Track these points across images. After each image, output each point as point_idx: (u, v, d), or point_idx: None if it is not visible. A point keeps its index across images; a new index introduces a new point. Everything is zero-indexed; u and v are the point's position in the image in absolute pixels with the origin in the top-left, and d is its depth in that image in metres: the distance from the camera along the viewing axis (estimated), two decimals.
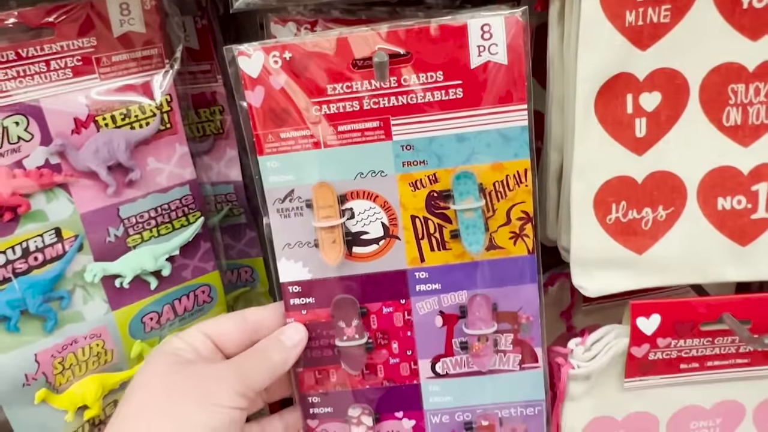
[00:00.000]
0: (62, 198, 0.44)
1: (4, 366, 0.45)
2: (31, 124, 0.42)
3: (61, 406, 0.47)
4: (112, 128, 0.45)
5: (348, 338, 0.44)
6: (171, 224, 0.49)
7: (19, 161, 0.42)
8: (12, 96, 0.42)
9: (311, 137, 0.40)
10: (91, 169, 0.44)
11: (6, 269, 0.43)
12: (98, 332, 0.48)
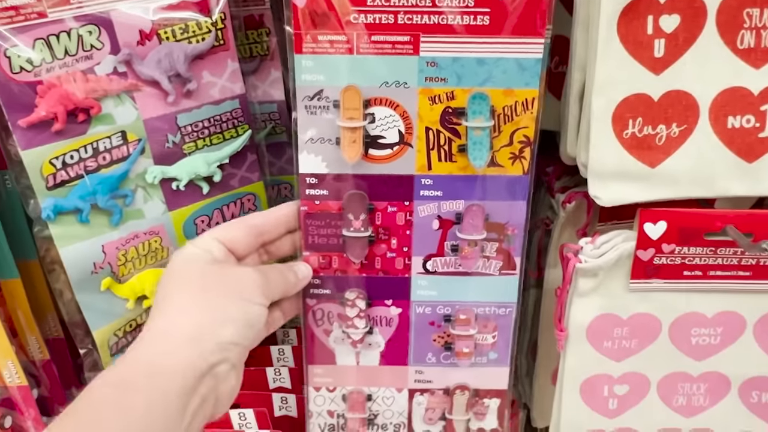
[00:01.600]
0: (128, 104, 0.49)
1: (76, 254, 0.50)
2: (102, 33, 0.47)
3: (123, 295, 0.53)
4: (172, 41, 0.49)
5: (354, 230, 0.49)
6: (222, 134, 0.53)
7: (91, 68, 0.47)
8: (86, 7, 0.46)
9: (346, 43, 0.44)
10: (154, 78, 0.49)
11: (79, 166, 0.48)
12: (156, 230, 0.53)
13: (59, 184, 0.48)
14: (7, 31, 0.44)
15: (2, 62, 0.44)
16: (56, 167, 0.48)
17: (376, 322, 0.52)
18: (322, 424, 0.56)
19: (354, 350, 0.53)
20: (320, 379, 0.54)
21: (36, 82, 0.45)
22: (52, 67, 0.45)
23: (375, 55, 0.44)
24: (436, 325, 0.52)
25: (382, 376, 0.54)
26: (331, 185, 0.48)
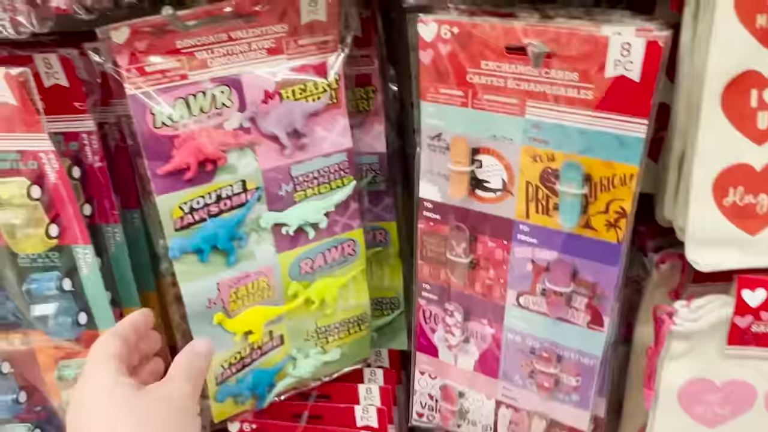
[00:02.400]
0: (249, 156, 0.54)
1: (195, 290, 0.55)
2: (233, 93, 0.52)
3: (232, 329, 0.57)
4: (292, 100, 0.53)
5: (456, 255, 0.54)
6: (329, 184, 0.57)
7: (221, 123, 0.52)
8: (221, 70, 0.51)
9: (461, 97, 0.49)
10: (274, 134, 0.54)
11: (203, 211, 0.53)
12: (265, 271, 0.57)
13: (185, 226, 0.53)
14: (155, 92, 0.49)
15: (148, 118, 0.49)
16: (184, 211, 0.53)
17: (472, 335, 0.57)
18: (423, 402, 0.63)
19: (453, 352, 0.59)
20: (424, 366, 0.62)
21: (174, 136, 0.51)
22: (188, 123, 0.51)
23: (485, 110, 0.48)
24: (524, 353, 0.55)
25: (476, 380, 0.59)
26: (443, 212, 0.54)
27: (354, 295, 0.63)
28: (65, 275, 0.55)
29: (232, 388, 0.60)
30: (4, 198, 0.51)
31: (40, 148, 0.50)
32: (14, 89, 0.47)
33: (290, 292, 0.59)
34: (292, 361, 0.63)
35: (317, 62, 0.54)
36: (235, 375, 0.60)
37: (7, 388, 0.60)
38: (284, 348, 0.62)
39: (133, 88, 0.49)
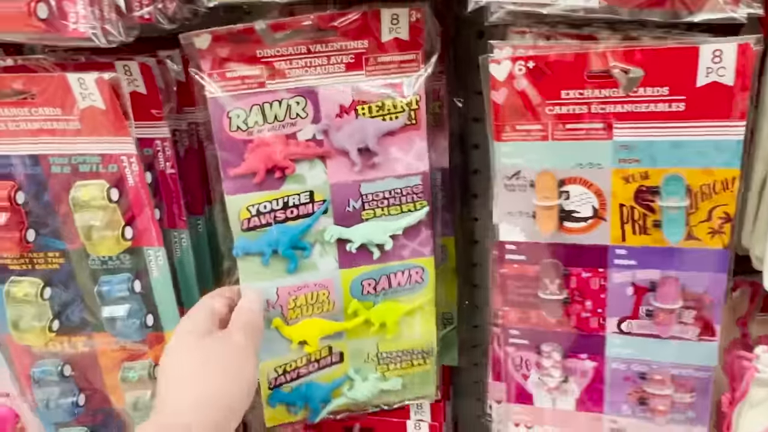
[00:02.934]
0: (319, 168, 0.54)
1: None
2: (308, 104, 0.52)
3: (288, 336, 0.57)
4: (367, 117, 0.53)
5: (550, 293, 0.53)
6: (400, 207, 0.56)
7: (294, 133, 0.52)
8: (298, 81, 0.52)
9: (541, 131, 0.48)
10: (345, 149, 0.53)
11: (269, 216, 0.54)
12: (326, 284, 0.56)
13: (251, 228, 0.53)
14: (233, 97, 0.50)
15: (225, 122, 0.50)
16: (251, 213, 0.53)
17: (571, 372, 0.56)
18: None
19: (550, 395, 0.57)
20: (519, 416, 0.59)
21: (247, 140, 0.51)
22: (262, 129, 0.51)
23: (569, 140, 0.48)
24: (632, 380, 0.54)
25: (578, 420, 0.57)
26: (528, 252, 0.52)
27: (420, 326, 0.60)
28: (135, 277, 0.56)
29: (285, 396, 0.59)
30: (84, 200, 0.52)
31: (123, 152, 0.52)
32: (104, 93, 0.49)
33: (350, 310, 0.58)
34: (350, 381, 0.61)
35: (397, 81, 0.53)
36: (290, 383, 0.59)
37: (67, 391, 0.60)
38: (343, 366, 0.61)
39: (213, 92, 0.50)
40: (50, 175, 0.53)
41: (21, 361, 0.60)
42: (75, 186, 0.52)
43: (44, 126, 0.51)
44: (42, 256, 0.56)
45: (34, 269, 0.56)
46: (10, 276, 0.57)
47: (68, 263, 0.56)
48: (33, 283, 0.56)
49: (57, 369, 0.59)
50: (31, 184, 0.54)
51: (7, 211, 0.53)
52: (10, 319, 0.57)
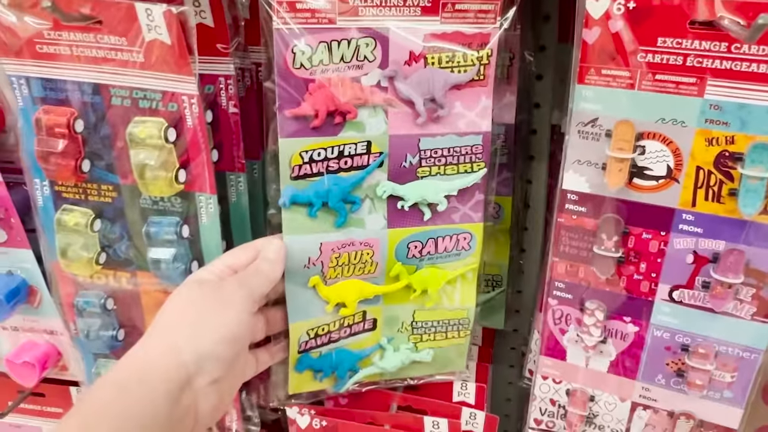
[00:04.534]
0: (380, 117, 0.52)
1: (297, 244, 0.53)
2: (377, 47, 0.50)
3: (325, 297, 0.55)
4: (436, 67, 0.51)
5: (605, 249, 0.52)
6: (457, 166, 0.54)
7: (358, 77, 0.51)
8: (371, 21, 0.49)
9: (628, 78, 0.46)
10: (411, 98, 0.51)
11: (322, 164, 0.52)
12: (372, 243, 0.55)
13: (301, 176, 0.52)
14: (300, 30, 0.48)
15: (288, 57, 0.49)
16: (304, 160, 0.51)
17: (611, 334, 0.55)
18: (542, 408, 0.61)
19: (585, 354, 0.57)
20: (549, 370, 0.59)
21: (309, 80, 0.50)
22: (326, 69, 0.50)
23: (656, 92, 0.46)
24: (672, 351, 0.54)
25: (609, 382, 0.57)
26: (590, 204, 0.51)
27: (461, 296, 0.59)
28: (184, 222, 0.56)
29: (313, 361, 0.58)
30: (140, 137, 0.52)
31: (184, 91, 0.51)
32: (172, 28, 0.48)
33: (393, 273, 0.56)
34: (380, 350, 0.60)
35: (471, 32, 0.51)
36: (319, 348, 0.58)
37: (108, 324, 0.61)
38: (375, 334, 0.59)
39: (280, 23, 0.48)
40: (110, 106, 0.53)
41: (66, 289, 0.61)
42: (133, 121, 0.52)
43: (108, 55, 0.51)
44: (95, 188, 0.56)
45: (86, 200, 0.57)
46: (63, 204, 0.57)
47: (120, 198, 0.56)
48: (84, 213, 0.57)
49: (100, 301, 0.60)
50: (90, 114, 0.54)
51: (66, 138, 0.53)
52: (59, 246, 0.57)
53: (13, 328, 0.69)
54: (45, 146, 0.53)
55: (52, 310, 0.65)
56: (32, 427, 0.78)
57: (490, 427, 0.61)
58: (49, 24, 0.50)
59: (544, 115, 0.61)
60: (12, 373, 0.68)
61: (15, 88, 0.54)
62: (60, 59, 0.52)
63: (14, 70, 0.53)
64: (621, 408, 0.58)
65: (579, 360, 0.57)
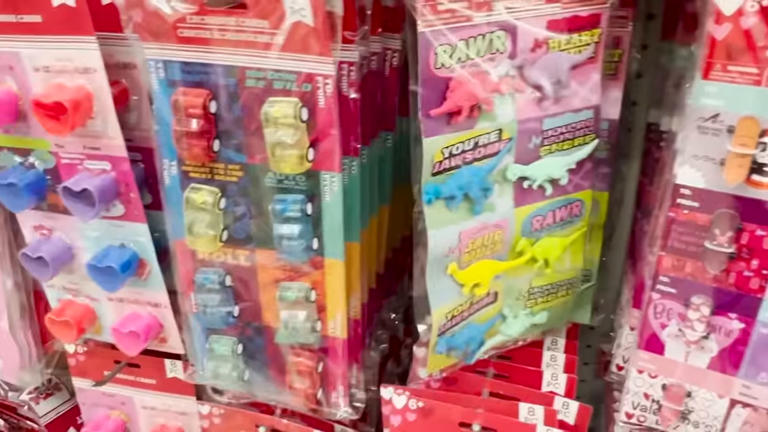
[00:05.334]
0: (508, 105, 0.55)
1: (440, 237, 0.57)
2: (507, 39, 0.53)
3: (461, 281, 0.59)
4: (557, 51, 0.54)
5: (717, 244, 0.53)
6: (572, 141, 0.58)
7: (489, 69, 0.53)
8: (501, 15, 0.52)
9: (756, 75, 0.47)
10: (539, 83, 0.55)
11: (459, 157, 0.55)
12: (501, 224, 0.59)
13: (441, 171, 0.55)
14: (441, 31, 0.51)
15: (431, 58, 0.51)
16: (444, 156, 0.54)
17: (714, 330, 0.56)
18: (635, 402, 0.62)
19: (685, 349, 0.58)
20: (645, 365, 0.60)
21: (449, 78, 0.52)
22: (464, 65, 0.52)
23: None
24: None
25: (707, 379, 0.58)
26: (704, 199, 0.52)
27: (570, 258, 0.64)
28: (308, 200, 0.58)
29: (449, 341, 0.62)
30: (275, 116, 0.53)
31: (320, 72, 0.52)
32: (317, 10, 0.49)
33: (518, 248, 0.60)
34: (502, 319, 0.64)
35: (587, 13, 0.54)
36: (452, 328, 0.62)
37: (225, 300, 0.63)
38: (496, 305, 0.63)
39: (424, 26, 0.50)
40: (244, 88, 0.54)
41: (186, 265, 0.63)
42: (268, 101, 0.54)
43: (248, 38, 0.52)
44: (222, 168, 0.58)
45: (213, 179, 0.59)
46: (189, 183, 0.59)
47: (246, 177, 0.58)
48: (211, 191, 0.59)
49: (219, 278, 0.63)
50: (223, 95, 0.55)
51: (201, 119, 0.55)
52: (186, 224, 0.60)
53: (119, 300, 0.71)
54: (182, 126, 0.55)
55: (158, 283, 0.68)
56: (124, 396, 0.81)
57: (582, 417, 0.64)
58: (195, 8, 0.52)
59: (641, 113, 0.64)
60: (118, 341, 0.71)
61: (152, 72, 0.55)
62: (200, 43, 0.53)
63: (153, 54, 0.55)
64: (718, 405, 0.59)
65: (678, 355, 0.59)
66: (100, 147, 0.61)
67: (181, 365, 0.77)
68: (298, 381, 0.65)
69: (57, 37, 0.56)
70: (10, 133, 0.64)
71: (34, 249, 0.68)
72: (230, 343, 0.66)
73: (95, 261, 0.66)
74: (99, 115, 0.59)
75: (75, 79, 0.58)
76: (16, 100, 0.61)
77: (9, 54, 0.59)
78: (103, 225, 0.66)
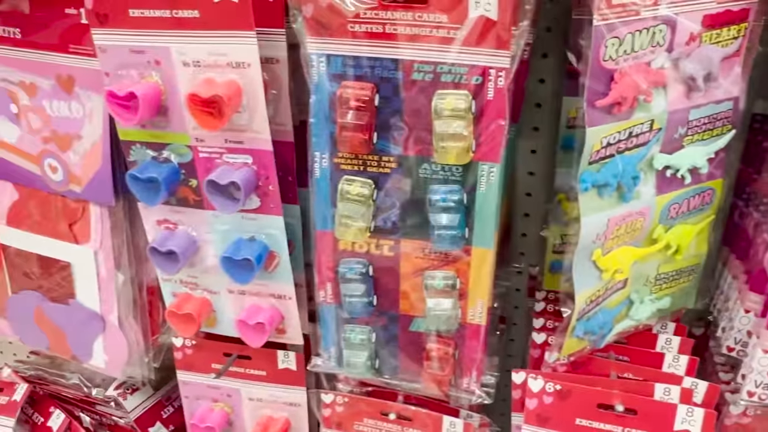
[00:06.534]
0: (661, 96, 0.58)
1: (591, 224, 0.59)
2: (667, 32, 0.55)
3: (604, 266, 0.62)
4: (708, 44, 0.57)
5: None
6: (712, 131, 0.61)
7: (649, 62, 0.56)
8: (665, 9, 0.54)
9: None
10: (692, 76, 0.57)
11: (614, 147, 0.58)
12: (643, 211, 0.62)
13: (596, 160, 0.58)
14: (613, 25, 0.53)
15: (601, 51, 0.54)
16: (602, 145, 0.57)
17: None
18: (758, 381, 0.65)
19: None
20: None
21: (614, 70, 0.55)
22: (627, 58, 0.55)
23: None
24: None
25: None
26: None
27: (696, 245, 0.67)
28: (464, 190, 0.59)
29: (585, 325, 0.65)
30: (447, 108, 0.55)
31: (494, 65, 0.54)
32: (503, 4, 0.51)
33: (654, 235, 0.63)
34: (630, 304, 0.67)
35: (738, 8, 0.57)
36: (588, 313, 0.64)
37: (367, 290, 0.65)
38: (625, 291, 0.66)
39: (599, 19, 0.52)
40: (408, 81, 0.56)
41: (327, 256, 0.65)
42: (437, 94, 0.56)
43: (423, 32, 0.54)
44: (376, 160, 0.60)
45: (365, 171, 0.61)
46: (340, 175, 0.61)
47: (399, 169, 0.60)
48: (365, 183, 0.60)
49: (363, 269, 0.64)
50: (386, 88, 0.57)
51: (366, 111, 0.57)
52: (338, 215, 0.61)
53: (240, 292, 0.73)
54: (347, 119, 0.57)
55: (287, 275, 0.69)
56: (230, 389, 0.82)
57: (710, 396, 0.67)
58: (375, 3, 0.53)
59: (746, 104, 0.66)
60: (242, 334, 0.72)
61: (313, 66, 0.57)
62: (370, 37, 0.55)
63: (316, 48, 0.56)
64: None
65: None
66: (243, 141, 0.62)
67: (293, 356, 0.79)
68: (435, 367, 0.67)
69: (214, 32, 0.58)
70: (146, 128, 0.64)
71: (161, 243, 0.69)
72: (366, 331, 0.68)
73: (230, 253, 0.67)
74: (246, 109, 0.60)
75: (226, 74, 0.59)
76: (160, 94, 0.62)
77: (158, 49, 0.60)
78: (235, 218, 0.67)
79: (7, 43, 0.69)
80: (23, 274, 0.81)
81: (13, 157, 0.74)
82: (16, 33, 0.68)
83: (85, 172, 0.71)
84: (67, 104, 0.69)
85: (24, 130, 0.72)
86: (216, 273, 0.72)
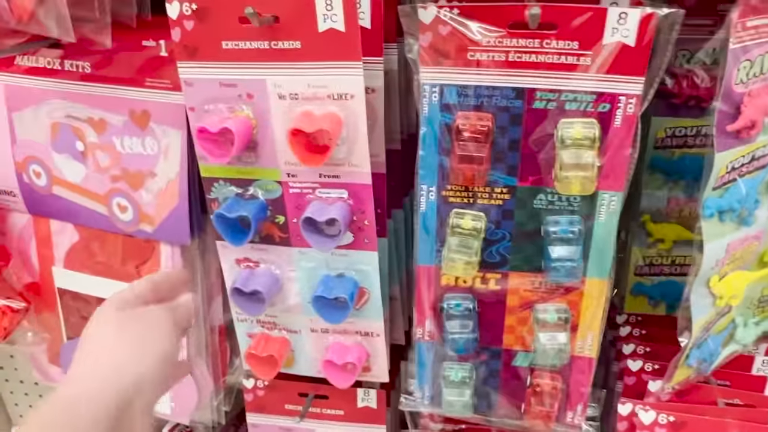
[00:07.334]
0: None
1: (712, 250, 0.57)
2: None
3: (719, 293, 0.60)
4: None
5: None
6: None
7: None
8: None
9: None
10: None
11: (736, 172, 0.56)
12: (759, 235, 0.60)
13: (720, 185, 0.56)
14: (748, 47, 0.51)
15: (733, 74, 0.52)
16: (727, 170, 0.55)
17: None
18: None
19: None
20: None
21: (744, 93, 0.53)
22: (756, 81, 0.53)
23: None
24: None
25: None
26: None
27: None
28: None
29: (697, 353, 0.63)
30: (575, 137, 0.53)
31: (624, 92, 0.52)
32: (641, 28, 0.49)
33: (766, 258, 0.61)
34: (734, 328, 0.65)
35: None
36: (700, 340, 0.62)
37: (471, 326, 0.63)
38: (730, 315, 0.65)
39: (735, 41, 0.51)
40: (529, 109, 0.54)
41: (429, 292, 0.62)
42: (562, 122, 0.53)
43: (550, 60, 0.52)
44: (487, 191, 0.57)
45: (474, 203, 0.58)
46: (448, 208, 0.58)
47: (512, 200, 0.58)
48: (477, 216, 0.58)
49: (469, 304, 0.62)
50: (503, 117, 0.54)
51: (485, 142, 0.54)
52: (447, 249, 0.58)
53: (323, 330, 0.70)
54: (465, 151, 0.54)
55: (377, 312, 0.67)
56: (306, 429, 0.79)
57: None
58: (503, 32, 0.51)
59: None
60: (329, 374, 0.69)
61: (425, 96, 0.54)
62: (492, 65, 0.52)
63: (431, 78, 0.54)
64: None
65: None
66: (340, 175, 0.60)
67: (374, 393, 0.76)
68: (540, 402, 0.64)
69: (316, 63, 0.55)
70: (232, 164, 0.61)
71: (245, 283, 0.65)
72: (467, 369, 0.65)
73: (322, 292, 0.63)
74: (345, 142, 0.58)
75: (326, 106, 0.57)
76: (251, 129, 0.59)
77: (253, 81, 0.57)
78: (324, 255, 0.64)
79: (75, 78, 0.65)
80: (81, 318, 0.76)
81: (77, 197, 0.70)
82: (85, 67, 0.64)
83: (159, 211, 0.67)
84: (140, 140, 0.65)
85: (90, 168, 0.68)
86: (298, 312, 0.68)
